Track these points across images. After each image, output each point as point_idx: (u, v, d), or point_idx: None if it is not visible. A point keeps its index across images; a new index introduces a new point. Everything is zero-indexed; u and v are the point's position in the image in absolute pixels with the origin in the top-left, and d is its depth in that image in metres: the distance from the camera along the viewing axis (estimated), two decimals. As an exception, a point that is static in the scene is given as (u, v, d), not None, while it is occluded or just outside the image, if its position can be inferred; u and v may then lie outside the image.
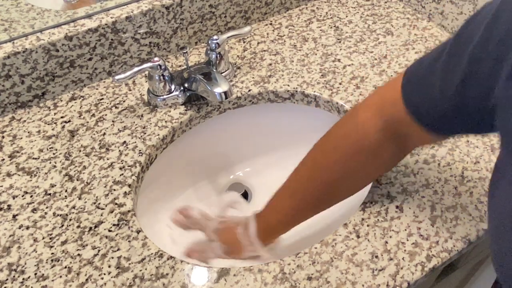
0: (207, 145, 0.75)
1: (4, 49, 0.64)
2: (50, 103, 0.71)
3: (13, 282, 0.51)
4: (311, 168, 0.52)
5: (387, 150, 0.49)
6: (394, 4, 0.89)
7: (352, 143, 0.49)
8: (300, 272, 0.51)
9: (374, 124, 0.47)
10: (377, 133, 0.47)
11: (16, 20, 0.68)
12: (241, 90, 0.72)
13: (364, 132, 0.48)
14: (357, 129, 0.49)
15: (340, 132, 0.51)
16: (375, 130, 0.47)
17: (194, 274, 0.51)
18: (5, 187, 0.60)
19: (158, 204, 0.69)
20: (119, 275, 0.51)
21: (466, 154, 0.62)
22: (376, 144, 0.48)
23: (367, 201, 0.58)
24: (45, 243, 0.54)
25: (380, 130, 0.47)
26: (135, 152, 0.64)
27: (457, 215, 0.56)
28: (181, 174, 0.74)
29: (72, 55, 0.69)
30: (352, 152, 0.49)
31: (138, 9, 0.70)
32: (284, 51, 0.79)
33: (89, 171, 0.62)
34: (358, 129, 0.49)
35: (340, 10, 0.88)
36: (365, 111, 0.49)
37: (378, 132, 0.47)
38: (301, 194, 0.53)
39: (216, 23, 0.80)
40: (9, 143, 0.65)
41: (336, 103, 0.71)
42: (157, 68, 0.66)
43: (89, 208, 0.57)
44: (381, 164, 0.51)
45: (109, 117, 0.69)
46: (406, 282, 0.50)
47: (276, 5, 0.85)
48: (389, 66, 0.76)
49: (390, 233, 0.54)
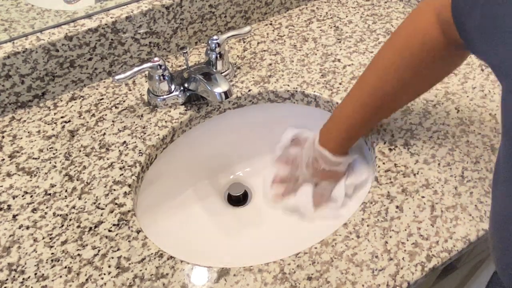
0: (207, 145, 0.75)
1: (4, 49, 0.64)
2: (50, 103, 0.71)
3: (13, 282, 0.51)
4: (381, 69, 0.56)
5: (448, 51, 0.51)
6: (394, 4, 0.89)
7: (419, 45, 0.52)
8: (300, 272, 0.51)
9: (435, 28, 0.50)
10: (439, 37, 0.50)
11: (16, 20, 0.68)
12: (241, 90, 0.72)
13: (428, 36, 0.51)
14: (421, 32, 0.52)
15: (405, 34, 0.54)
16: (437, 33, 0.50)
17: (194, 274, 0.51)
18: (5, 187, 0.60)
19: (158, 204, 0.69)
20: (119, 275, 0.51)
21: (466, 154, 0.62)
22: (439, 47, 0.51)
23: (367, 201, 0.58)
24: (45, 243, 0.54)
25: (441, 34, 0.50)
26: (135, 152, 0.64)
27: (457, 215, 0.56)
28: (181, 174, 0.74)
29: (72, 55, 0.69)
30: (418, 53, 0.52)
31: (138, 9, 0.70)
32: (284, 51, 0.79)
33: (89, 171, 0.62)
34: (422, 32, 0.52)
35: (340, 10, 0.88)
36: (425, 14, 0.51)
37: (439, 36, 0.50)
38: (370, 96, 0.57)
39: (216, 23, 0.80)
40: (9, 143, 0.65)
41: (336, 103, 0.71)
42: (157, 68, 0.66)
43: (89, 208, 0.57)
44: (444, 65, 0.55)
45: (109, 117, 0.69)
46: (406, 282, 0.50)
47: (276, 5, 0.85)
48: (389, 66, 0.75)
49: (390, 233, 0.54)
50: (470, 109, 0.68)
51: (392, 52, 0.55)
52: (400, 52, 0.54)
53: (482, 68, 0.75)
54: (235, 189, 0.76)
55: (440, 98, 0.70)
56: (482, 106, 0.69)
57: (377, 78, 0.56)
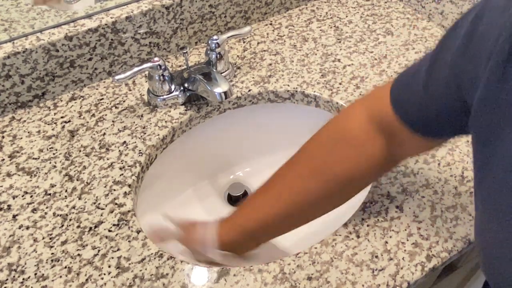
0: (207, 145, 0.75)
1: (4, 49, 0.64)
2: (50, 103, 0.71)
3: (13, 282, 0.51)
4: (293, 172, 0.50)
5: (375, 146, 0.46)
6: (394, 4, 0.89)
7: (335, 133, 0.48)
8: (300, 272, 0.51)
9: (360, 119, 0.47)
10: (363, 125, 0.46)
11: (16, 20, 0.68)
12: (241, 90, 0.72)
13: (349, 124, 0.47)
14: (342, 122, 0.48)
15: (325, 128, 0.50)
16: (361, 123, 0.46)
17: (194, 274, 0.51)
18: (5, 187, 0.60)
19: (158, 204, 0.69)
20: (119, 275, 0.51)
21: (466, 154, 0.62)
22: (362, 137, 0.46)
23: (367, 201, 0.58)
24: (45, 243, 0.54)
25: (366, 123, 0.46)
26: (135, 152, 0.64)
27: (457, 215, 0.56)
28: (181, 174, 0.74)
29: (72, 55, 0.69)
30: (333, 142, 0.48)
31: (138, 9, 0.70)
32: (284, 51, 0.79)
33: (89, 171, 0.62)
34: (343, 122, 0.48)
35: (340, 10, 0.88)
36: (353, 108, 0.48)
37: (364, 124, 0.46)
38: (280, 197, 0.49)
39: (216, 23, 0.80)
40: (9, 143, 0.65)
41: (336, 103, 0.71)
42: (157, 68, 0.66)
43: (89, 208, 0.57)
44: (369, 165, 0.48)
45: (109, 117, 0.69)
46: (406, 282, 0.50)
47: (276, 5, 0.85)
48: (389, 66, 0.76)
49: (390, 233, 0.54)
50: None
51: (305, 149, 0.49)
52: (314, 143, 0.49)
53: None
54: (235, 189, 0.76)
55: (440, 98, 0.70)
56: (482, 106, 0.69)
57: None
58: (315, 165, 0.48)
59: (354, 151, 0.47)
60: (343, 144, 0.47)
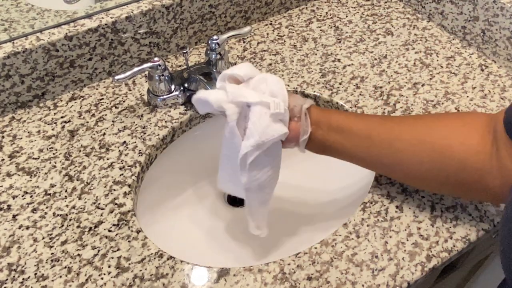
0: (207, 145, 0.75)
1: (4, 49, 0.64)
2: (50, 103, 0.71)
3: (13, 282, 0.51)
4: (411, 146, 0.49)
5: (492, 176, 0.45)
6: (394, 4, 0.89)
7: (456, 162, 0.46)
8: (300, 272, 0.51)
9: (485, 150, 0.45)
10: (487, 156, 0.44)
11: (16, 20, 0.68)
12: (241, 90, 0.72)
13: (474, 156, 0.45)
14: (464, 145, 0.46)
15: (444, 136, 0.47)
16: (485, 154, 0.45)
17: (194, 274, 0.51)
18: (5, 187, 0.60)
19: (158, 204, 0.69)
20: (119, 275, 0.51)
21: (466, 154, 0.62)
22: (482, 170, 0.45)
23: (367, 201, 0.58)
24: (45, 243, 0.54)
25: (488, 154, 0.44)
26: (135, 152, 0.64)
27: (457, 215, 0.56)
28: (181, 174, 0.74)
29: (72, 55, 0.69)
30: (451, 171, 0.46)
31: (138, 9, 0.70)
32: (284, 51, 0.79)
33: (89, 171, 0.62)
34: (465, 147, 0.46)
35: (340, 10, 0.88)
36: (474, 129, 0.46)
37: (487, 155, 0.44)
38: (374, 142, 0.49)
39: (216, 23, 0.80)
40: (9, 143, 0.65)
41: (336, 103, 0.71)
42: (157, 68, 0.66)
43: (89, 208, 0.57)
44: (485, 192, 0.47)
45: (109, 117, 0.69)
46: (406, 282, 0.50)
47: (276, 5, 0.85)
48: (389, 66, 0.76)
49: (390, 233, 0.54)
50: (470, 109, 0.68)
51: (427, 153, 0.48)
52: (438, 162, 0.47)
53: (482, 68, 0.75)
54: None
55: (440, 98, 0.70)
56: (482, 106, 0.69)
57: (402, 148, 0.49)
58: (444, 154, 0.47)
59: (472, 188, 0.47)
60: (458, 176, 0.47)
